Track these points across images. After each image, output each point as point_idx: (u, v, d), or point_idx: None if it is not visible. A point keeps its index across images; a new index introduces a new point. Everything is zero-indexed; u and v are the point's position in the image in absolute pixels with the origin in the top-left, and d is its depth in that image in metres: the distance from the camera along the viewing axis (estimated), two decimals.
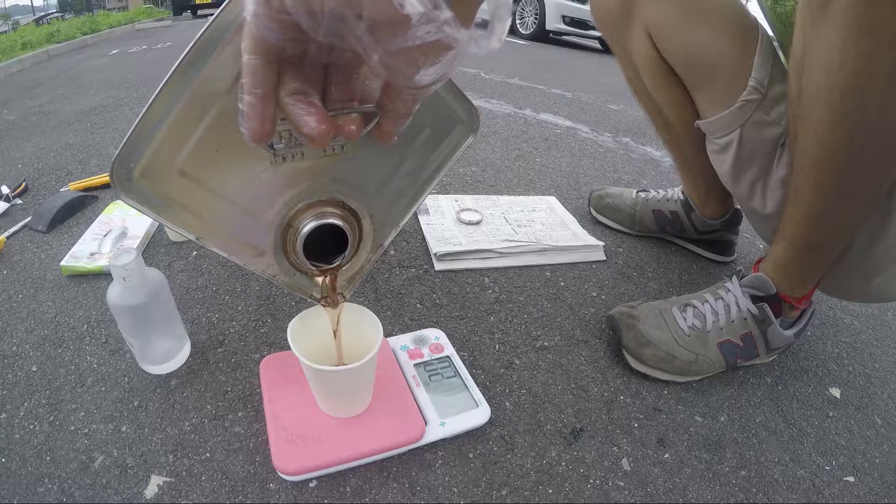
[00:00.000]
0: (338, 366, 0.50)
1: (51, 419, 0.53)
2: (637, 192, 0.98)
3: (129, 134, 0.33)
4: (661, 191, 0.96)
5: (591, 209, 1.03)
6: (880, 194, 0.51)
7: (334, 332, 0.49)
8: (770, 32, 0.64)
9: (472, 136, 0.44)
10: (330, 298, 0.47)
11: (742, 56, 0.63)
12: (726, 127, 0.66)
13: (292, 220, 0.41)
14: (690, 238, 0.92)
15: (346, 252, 0.43)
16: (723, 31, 0.63)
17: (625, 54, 0.76)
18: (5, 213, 0.95)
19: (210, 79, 0.32)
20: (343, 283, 0.47)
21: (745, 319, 0.60)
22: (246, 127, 0.27)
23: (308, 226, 0.40)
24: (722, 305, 0.62)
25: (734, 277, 0.64)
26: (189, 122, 0.34)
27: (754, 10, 0.67)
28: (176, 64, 0.32)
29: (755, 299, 0.60)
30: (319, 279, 0.46)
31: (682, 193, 0.90)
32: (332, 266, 0.44)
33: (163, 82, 0.32)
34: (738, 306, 0.61)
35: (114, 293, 0.51)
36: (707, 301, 0.63)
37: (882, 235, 0.54)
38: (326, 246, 0.43)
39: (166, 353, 0.57)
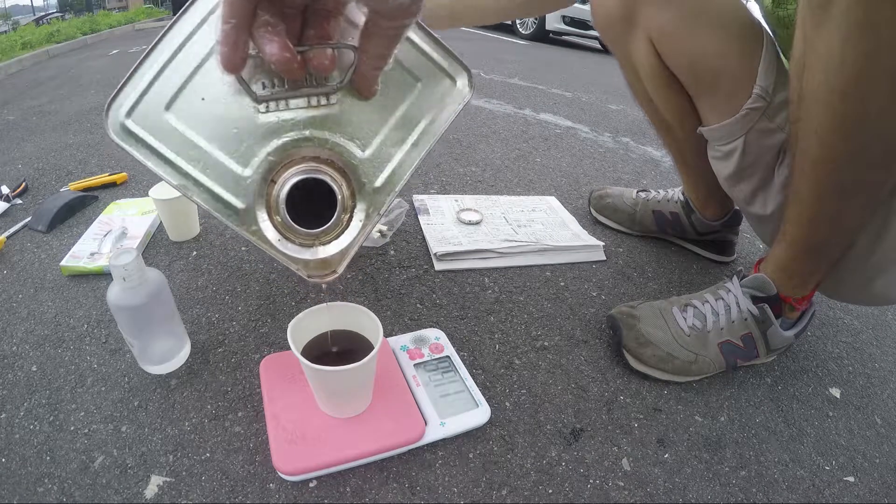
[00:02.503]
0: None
1: (51, 419, 0.53)
2: (637, 192, 0.98)
3: (125, 78, 0.36)
4: (661, 191, 0.96)
5: (591, 209, 1.03)
6: (881, 195, 0.51)
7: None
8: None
9: (467, 94, 0.42)
10: (319, 274, 0.42)
11: (746, 63, 0.62)
12: (730, 135, 0.66)
13: (276, 176, 0.39)
14: (690, 238, 0.92)
15: (336, 214, 0.40)
16: (727, 37, 0.63)
17: (626, 59, 0.75)
18: (5, 213, 0.95)
19: (201, 32, 0.36)
20: (335, 256, 0.42)
21: (746, 320, 0.60)
22: (219, 53, 0.30)
23: (291, 180, 0.39)
24: (722, 306, 0.62)
25: (735, 278, 0.64)
26: (179, 70, 0.36)
27: (756, 13, 0.67)
28: (173, 19, 0.35)
29: (756, 300, 0.60)
30: (308, 253, 0.41)
31: (682, 194, 0.90)
32: (319, 230, 0.40)
33: (160, 33, 0.36)
34: (739, 307, 0.61)
35: (114, 293, 0.51)
36: (707, 301, 0.63)
37: (884, 237, 0.54)
38: (316, 210, 0.40)
39: (166, 354, 0.57)
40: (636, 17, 0.68)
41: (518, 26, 4.83)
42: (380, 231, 0.85)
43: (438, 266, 0.81)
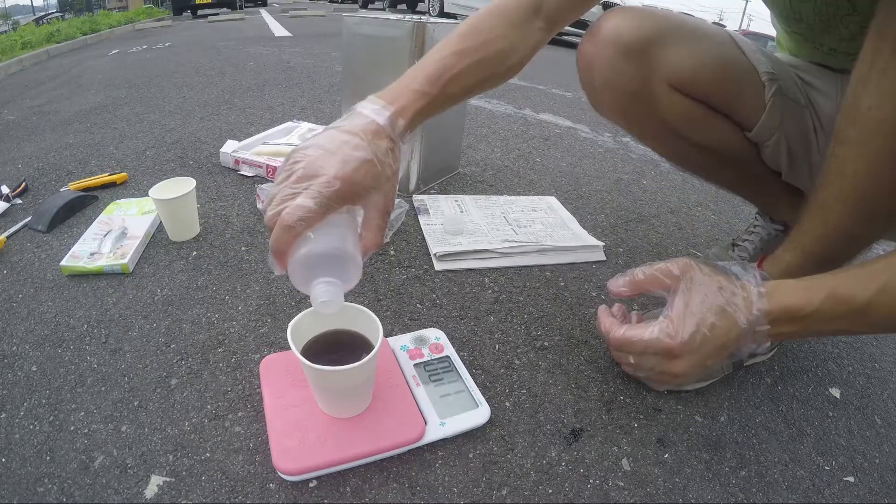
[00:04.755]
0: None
1: (51, 419, 0.53)
2: (733, 252, 0.81)
3: None
4: (749, 238, 0.80)
5: None
6: None
7: None
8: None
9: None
10: None
11: (743, 56, 0.63)
12: (771, 127, 0.65)
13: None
14: None
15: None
16: (721, 42, 0.64)
17: (657, 126, 0.68)
18: (5, 213, 0.95)
19: None
20: None
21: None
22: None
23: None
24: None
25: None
26: None
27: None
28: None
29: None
30: None
31: (779, 223, 0.78)
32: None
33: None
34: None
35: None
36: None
37: None
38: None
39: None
40: (653, 76, 0.63)
41: None
42: None
43: (438, 266, 0.81)
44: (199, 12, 8.71)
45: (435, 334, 0.63)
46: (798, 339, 0.67)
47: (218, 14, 8.00)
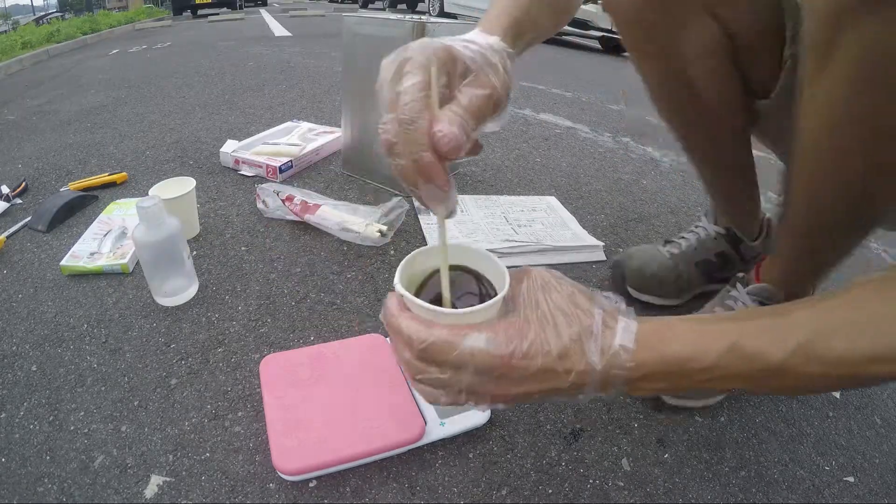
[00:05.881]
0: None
1: (51, 419, 0.53)
2: (665, 247, 0.77)
3: None
4: (688, 236, 0.77)
5: (629, 288, 0.76)
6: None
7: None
8: None
9: None
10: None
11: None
12: (787, 91, 0.57)
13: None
14: (732, 274, 0.72)
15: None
16: None
17: (670, 48, 0.59)
18: (5, 212, 0.95)
19: None
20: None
21: None
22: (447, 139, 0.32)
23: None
24: None
25: (738, 285, 0.62)
26: None
27: None
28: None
29: (761, 304, 0.60)
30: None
31: (722, 227, 0.74)
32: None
33: None
34: None
35: (139, 232, 0.64)
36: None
37: None
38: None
39: (177, 289, 0.70)
40: None
41: None
42: (380, 231, 0.85)
43: None
44: (199, 12, 8.71)
45: None
46: (671, 392, 0.57)
47: (218, 14, 8.00)
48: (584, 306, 0.34)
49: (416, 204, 0.98)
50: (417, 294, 0.37)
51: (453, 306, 0.37)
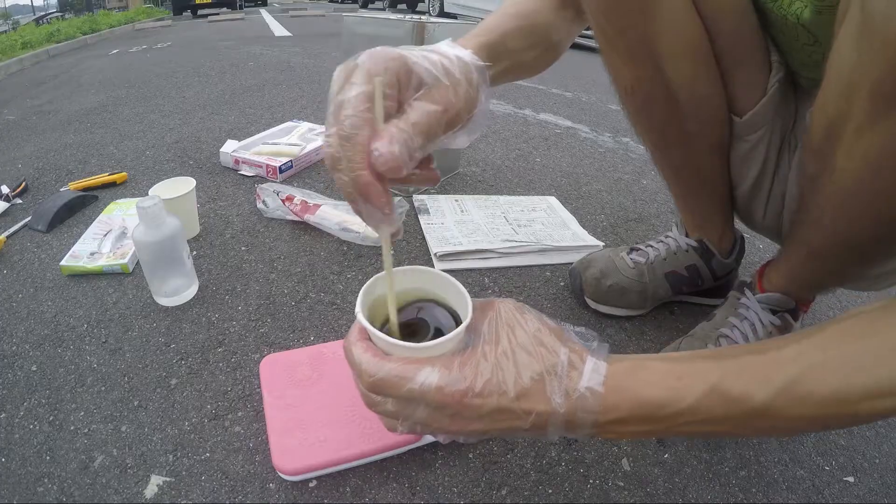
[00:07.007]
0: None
1: (51, 419, 0.53)
2: (630, 255, 0.74)
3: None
4: (657, 245, 0.74)
5: (588, 299, 0.73)
6: None
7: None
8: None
9: None
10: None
11: (759, 31, 0.55)
12: (762, 120, 0.58)
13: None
14: (705, 288, 0.74)
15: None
16: None
17: (644, 44, 0.54)
18: (5, 212, 0.95)
19: None
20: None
21: (771, 333, 0.59)
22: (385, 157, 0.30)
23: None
24: (748, 326, 0.59)
25: (747, 291, 0.61)
26: None
27: None
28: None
29: (773, 311, 0.59)
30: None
31: (693, 239, 0.72)
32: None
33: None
34: (762, 322, 0.59)
35: (139, 231, 0.64)
36: (736, 327, 0.60)
37: None
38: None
39: (178, 289, 0.70)
40: None
41: None
42: None
43: (438, 266, 0.81)
44: (199, 12, 8.71)
45: None
46: (650, 437, 0.55)
47: (218, 14, 8.01)
48: (550, 344, 0.33)
49: (417, 205, 0.98)
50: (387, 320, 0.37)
51: (414, 334, 0.36)
